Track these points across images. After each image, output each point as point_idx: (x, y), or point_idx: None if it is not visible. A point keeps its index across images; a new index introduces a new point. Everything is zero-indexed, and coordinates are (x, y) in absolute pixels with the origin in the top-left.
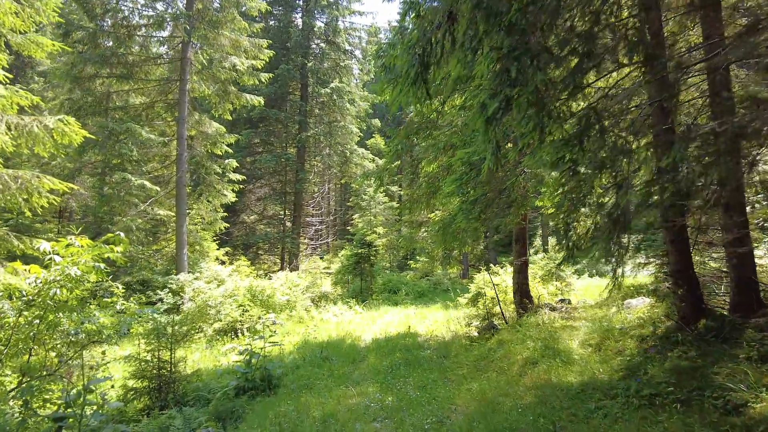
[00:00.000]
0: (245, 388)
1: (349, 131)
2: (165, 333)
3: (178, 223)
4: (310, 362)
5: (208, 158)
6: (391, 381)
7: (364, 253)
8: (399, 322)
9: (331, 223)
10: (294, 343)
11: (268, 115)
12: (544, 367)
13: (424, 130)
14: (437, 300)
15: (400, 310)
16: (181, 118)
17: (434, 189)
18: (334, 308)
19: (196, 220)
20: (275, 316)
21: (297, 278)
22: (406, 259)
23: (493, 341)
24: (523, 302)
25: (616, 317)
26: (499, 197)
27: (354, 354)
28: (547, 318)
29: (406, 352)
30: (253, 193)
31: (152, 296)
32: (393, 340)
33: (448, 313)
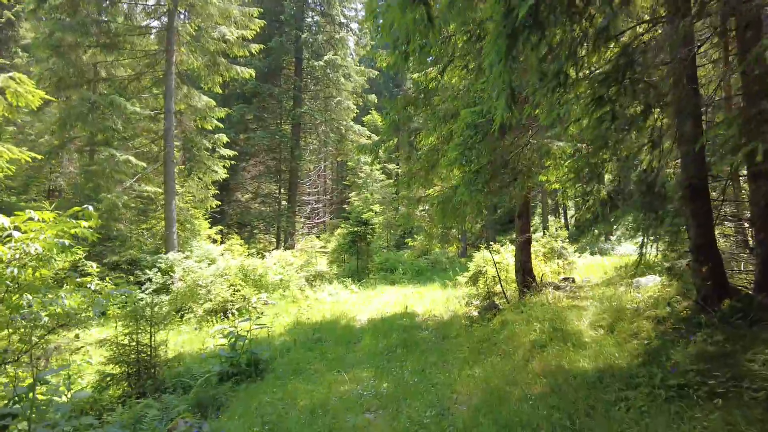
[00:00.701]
0: (230, 374)
1: (344, 107)
2: (143, 315)
3: (166, 200)
4: (301, 345)
5: (198, 133)
6: (386, 365)
7: (360, 231)
8: (396, 301)
9: (327, 202)
10: (286, 324)
11: (261, 90)
12: (553, 351)
13: (423, 100)
14: (435, 279)
15: (398, 289)
16: (168, 91)
17: (433, 162)
18: (330, 288)
19: (187, 197)
20: (267, 296)
21: (291, 257)
22: (404, 238)
23: (495, 322)
24: (525, 281)
25: (626, 297)
26: (504, 169)
27: (348, 335)
28: (552, 297)
29: (403, 333)
30: (247, 171)
31: (140, 276)
32: (390, 321)
33: (446, 292)
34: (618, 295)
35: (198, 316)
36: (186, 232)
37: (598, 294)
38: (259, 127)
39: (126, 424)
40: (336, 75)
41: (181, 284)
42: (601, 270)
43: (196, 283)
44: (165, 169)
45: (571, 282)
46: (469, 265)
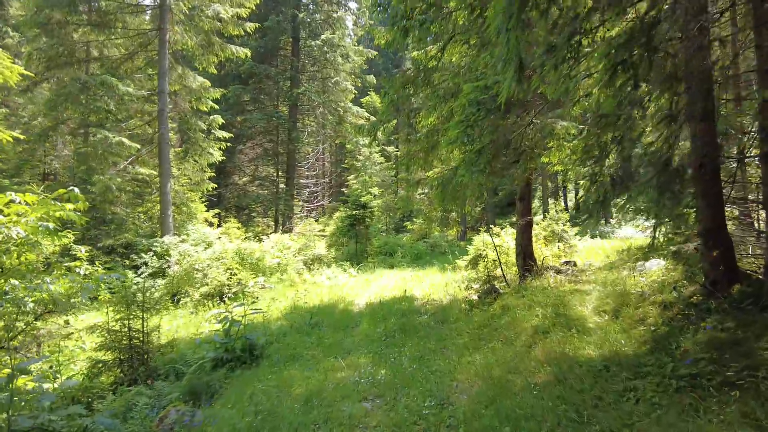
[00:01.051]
0: (224, 360)
1: (343, 88)
2: (135, 300)
3: (161, 183)
4: (298, 330)
5: (193, 114)
6: (384, 351)
7: (359, 214)
8: (395, 285)
9: (326, 185)
10: (282, 308)
11: (257, 71)
12: (556, 337)
13: (423, 79)
14: (434, 263)
15: (396, 273)
16: (162, 71)
17: (433, 143)
18: (328, 271)
19: (183, 180)
20: (264, 279)
21: (289, 240)
22: (403, 221)
23: (496, 307)
24: (526, 265)
25: (629, 281)
26: (506, 149)
27: (346, 320)
28: (553, 281)
29: (401, 318)
30: (244, 154)
31: (136, 260)
32: (388, 305)
33: (445, 276)
34: (621, 280)
35: (194, 300)
36: (182, 216)
37: (601, 278)
38: (255, 108)
39: (117, 412)
40: (334, 55)
41: (177, 268)
42: (603, 253)
43: (192, 266)
44: (159, 150)
45: (572, 265)
46: (468, 249)
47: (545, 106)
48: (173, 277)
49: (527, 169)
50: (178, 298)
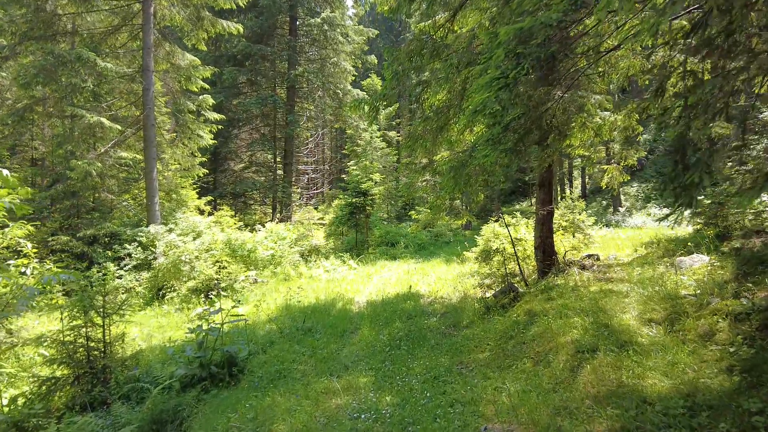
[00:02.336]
0: (197, 378)
1: (342, 69)
2: (94, 305)
3: (147, 168)
4: (288, 336)
5: (182, 95)
6: (389, 367)
7: (359, 202)
8: (398, 279)
9: (326, 172)
10: (273, 308)
11: (253, 52)
12: (606, 358)
13: (430, 51)
14: (439, 254)
15: (399, 264)
16: (147, 47)
17: (442, 123)
18: (326, 263)
19: (173, 165)
20: (257, 273)
21: (284, 230)
22: (406, 210)
23: (518, 312)
24: (547, 259)
25: (669, 279)
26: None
27: (344, 323)
28: (579, 279)
29: (407, 321)
30: (240, 139)
31: (119, 251)
32: (391, 304)
33: (452, 269)
34: (660, 278)
35: (181, 295)
36: (172, 203)
37: (634, 275)
38: (252, 91)
39: None
40: (333, 33)
41: (163, 260)
42: (623, 245)
43: (179, 258)
44: (145, 133)
45: (595, 260)
46: (476, 239)
47: (581, 73)
48: (158, 270)
49: (555, 150)
50: (164, 293)
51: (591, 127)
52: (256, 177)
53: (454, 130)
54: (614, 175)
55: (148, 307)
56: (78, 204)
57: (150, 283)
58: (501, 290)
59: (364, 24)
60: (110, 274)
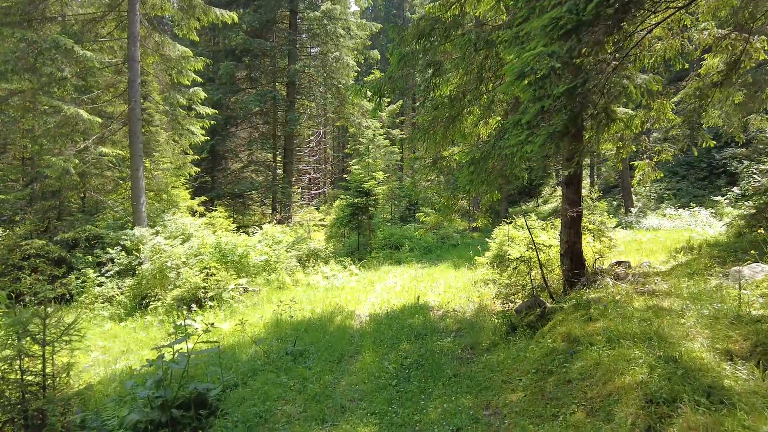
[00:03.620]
0: (155, 425)
1: (344, 64)
2: (30, 332)
3: (132, 166)
4: (275, 363)
5: (172, 88)
6: (396, 411)
7: (361, 202)
8: (403, 286)
9: (328, 171)
10: (261, 325)
11: (252, 47)
12: (697, 417)
13: (441, 32)
14: (447, 257)
15: (404, 270)
16: (132, 35)
17: (455, 112)
18: (325, 269)
19: (164, 164)
20: (248, 281)
21: (280, 233)
22: (410, 210)
23: (553, 335)
24: (576, 268)
25: (728, 294)
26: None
27: (343, 343)
28: (616, 292)
29: (416, 342)
30: (238, 137)
31: (101, 256)
32: (397, 318)
33: (461, 275)
34: (716, 293)
35: (165, 305)
36: (162, 203)
37: (682, 289)
38: (250, 88)
39: None
40: (334, 26)
41: (149, 265)
42: (648, 249)
43: (165, 264)
44: (130, 128)
45: (626, 267)
46: (487, 243)
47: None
48: (142, 277)
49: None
50: (147, 302)
51: (621, 118)
52: (255, 177)
53: (467, 121)
54: (646, 172)
55: (129, 318)
56: (60, 205)
57: (132, 290)
58: (525, 304)
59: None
60: (90, 281)
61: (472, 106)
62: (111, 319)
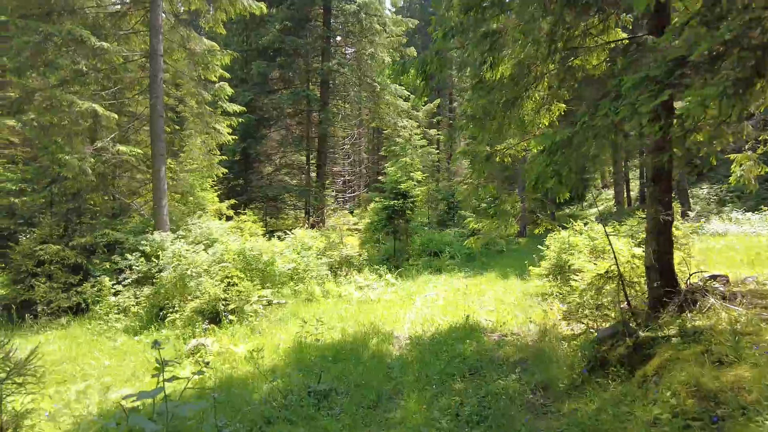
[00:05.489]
0: None
1: (379, 61)
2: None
3: (154, 166)
4: (294, 408)
5: (197, 83)
6: None
7: (397, 205)
8: (447, 300)
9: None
10: (282, 350)
11: (284, 46)
12: None
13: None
14: (492, 266)
15: (446, 279)
16: (154, 26)
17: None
18: (359, 278)
19: (190, 165)
20: (272, 292)
21: (310, 239)
22: (449, 213)
23: (673, 384)
24: (669, 285)
25: None
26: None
27: (379, 379)
28: (731, 318)
29: (472, 379)
30: (271, 139)
31: (119, 262)
32: (444, 343)
33: (512, 287)
34: None
35: (184, 317)
36: (188, 206)
37: None
38: (283, 88)
39: None
40: (370, 21)
41: (168, 273)
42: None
43: (185, 272)
44: (152, 126)
45: (723, 283)
46: (540, 250)
47: None
48: (160, 286)
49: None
50: (165, 314)
51: None
52: (289, 180)
53: (527, 106)
54: (747, 168)
55: (144, 331)
56: (79, 208)
57: (149, 301)
58: (608, 331)
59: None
60: (106, 290)
61: (538, 85)
62: (125, 332)
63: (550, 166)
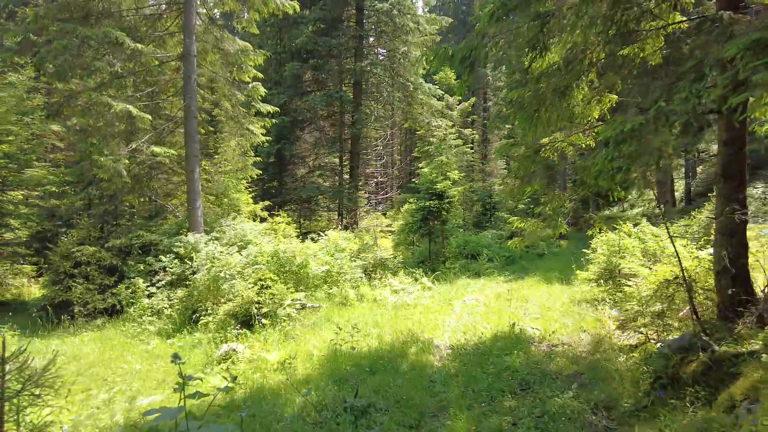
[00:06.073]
0: None
1: (413, 59)
2: None
3: (188, 167)
4: (329, 425)
5: (231, 84)
6: None
7: (433, 206)
8: (488, 305)
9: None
10: (316, 357)
11: (317, 48)
12: None
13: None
14: (533, 270)
15: (485, 284)
16: (188, 27)
17: (570, 80)
18: (394, 281)
19: (226, 166)
20: (306, 295)
21: (344, 240)
22: (485, 215)
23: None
24: (740, 293)
25: None
26: None
27: (421, 393)
28: None
29: (524, 396)
30: (304, 141)
31: (153, 264)
32: (489, 353)
33: (556, 292)
34: None
35: (217, 320)
36: (222, 208)
37: None
38: (317, 90)
39: None
40: (403, 19)
41: (202, 275)
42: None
43: (218, 274)
44: (186, 127)
45: None
46: (586, 254)
47: None
48: (193, 288)
49: None
50: (198, 317)
51: None
52: (322, 182)
53: (577, 96)
54: None
55: (177, 334)
56: (117, 210)
57: (182, 303)
58: (676, 344)
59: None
60: (140, 292)
61: (590, 73)
62: (158, 334)
63: (614, 160)
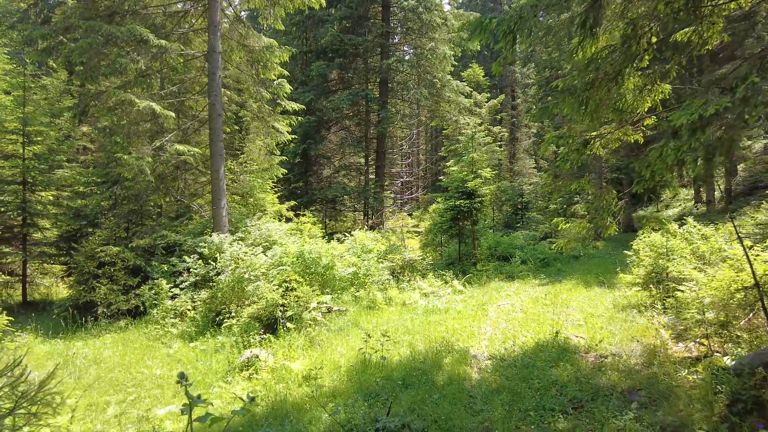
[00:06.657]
0: None
1: (440, 56)
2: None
3: (212, 166)
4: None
5: (256, 81)
6: None
7: (464, 205)
8: (525, 311)
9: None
10: (344, 367)
11: (343, 46)
12: None
13: None
14: (570, 272)
15: (520, 287)
16: (212, 23)
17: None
18: (423, 284)
19: (251, 166)
20: (332, 298)
21: (371, 241)
22: (516, 215)
23: None
24: None
25: None
26: None
27: (461, 412)
28: None
29: (579, 417)
30: (330, 141)
31: (177, 264)
32: (533, 366)
33: (597, 296)
34: None
35: (241, 323)
36: (248, 208)
37: None
38: (342, 89)
39: None
40: (430, 16)
41: (226, 276)
42: None
43: (242, 275)
44: (210, 125)
45: None
46: (626, 256)
47: None
48: (217, 289)
49: None
50: (221, 319)
51: None
52: (348, 182)
53: (629, 84)
54: None
55: (200, 337)
56: (141, 209)
57: (206, 305)
58: (749, 360)
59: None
60: (163, 293)
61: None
62: (180, 337)
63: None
